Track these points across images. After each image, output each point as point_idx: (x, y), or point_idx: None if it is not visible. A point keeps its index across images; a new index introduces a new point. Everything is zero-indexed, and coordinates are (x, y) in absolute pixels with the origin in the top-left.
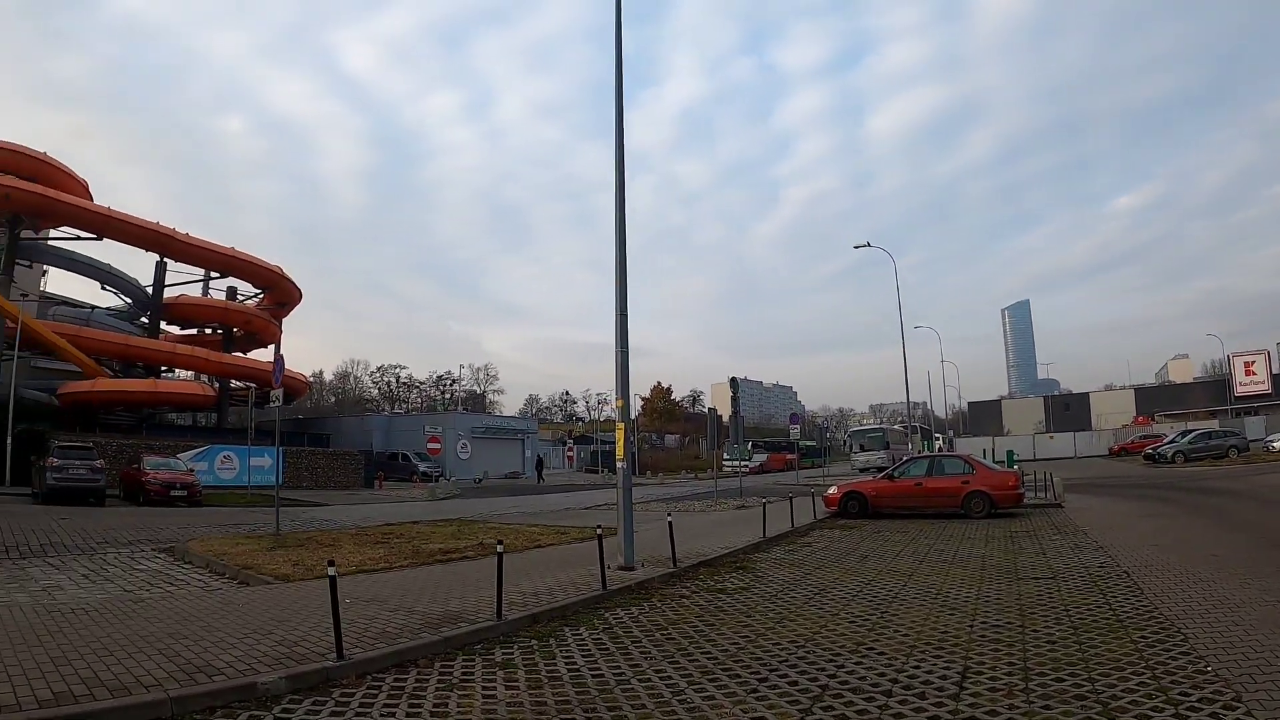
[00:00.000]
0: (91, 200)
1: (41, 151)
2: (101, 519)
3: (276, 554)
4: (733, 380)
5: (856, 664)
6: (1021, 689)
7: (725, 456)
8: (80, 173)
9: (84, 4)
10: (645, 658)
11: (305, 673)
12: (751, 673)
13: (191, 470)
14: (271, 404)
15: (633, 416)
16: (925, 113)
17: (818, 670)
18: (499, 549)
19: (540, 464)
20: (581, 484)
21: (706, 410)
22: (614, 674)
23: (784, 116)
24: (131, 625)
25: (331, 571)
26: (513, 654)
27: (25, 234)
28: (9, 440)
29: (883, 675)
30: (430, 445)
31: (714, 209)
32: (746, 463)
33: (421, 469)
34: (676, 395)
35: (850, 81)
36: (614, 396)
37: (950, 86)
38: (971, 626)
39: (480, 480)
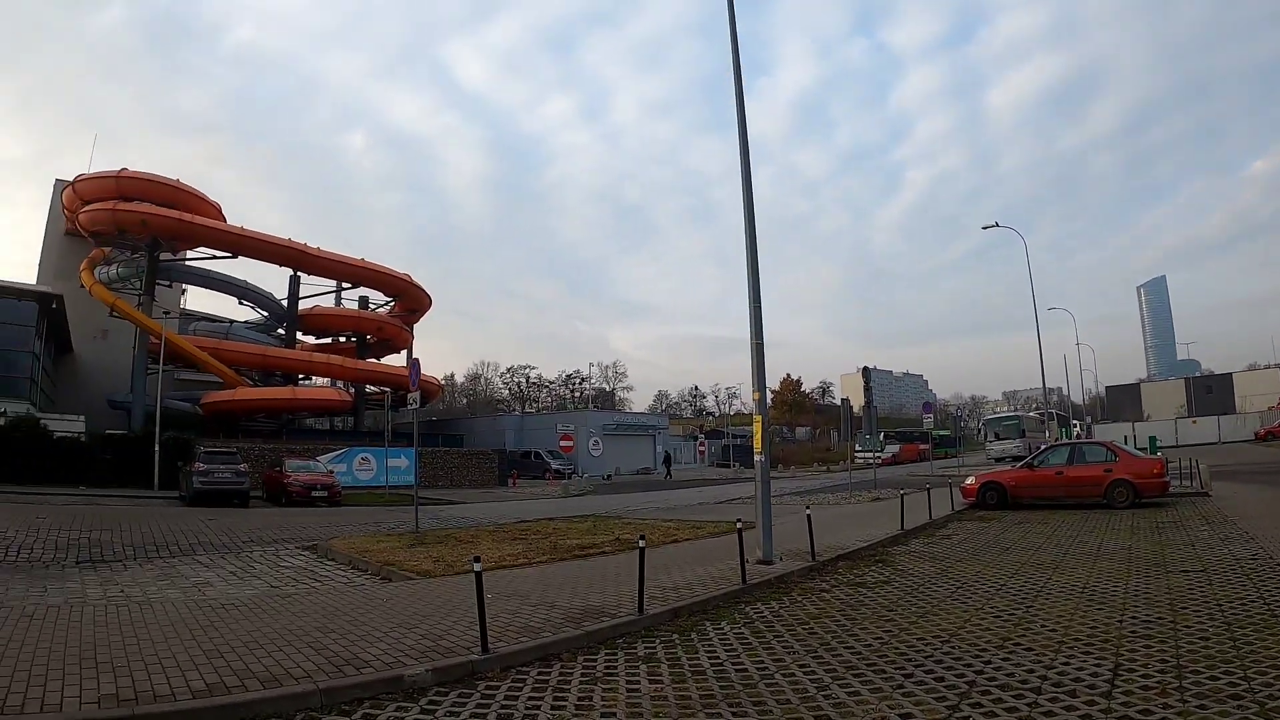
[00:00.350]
0: (225, 221)
1: (175, 179)
2: (246, 519)
3: (417, 551)
4: (864, 370)
5: (1003, 660)
6: (1175, 687)
7: (857, 448)
8: (213, 196)
9: (205, 38)
10: (788, 652)
11: (451, 666)
12: (896, 668)
13: (331, 472)
14: (409, 406)
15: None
16: (1045, 84)
17: (964, 666)
18: (640, 543)
19: (668, 460)
20: (713, 479)
21: (838, 402)
22: (757, 668)
23: (900, 98)
24: (280, 619)
25: (477, 567)
26: (655, 648)
27: (164, 256)
28: (157, 447)
29: (1031, 672)
30: (563, 443)
31: (835, 196)
32: (879, 454)
33: (554, 466)
34: (806, 387)
35: (965, 56)
36: (746, 390)
37: (1068, 54)
38: (1120, 622)
39: (610, 477)
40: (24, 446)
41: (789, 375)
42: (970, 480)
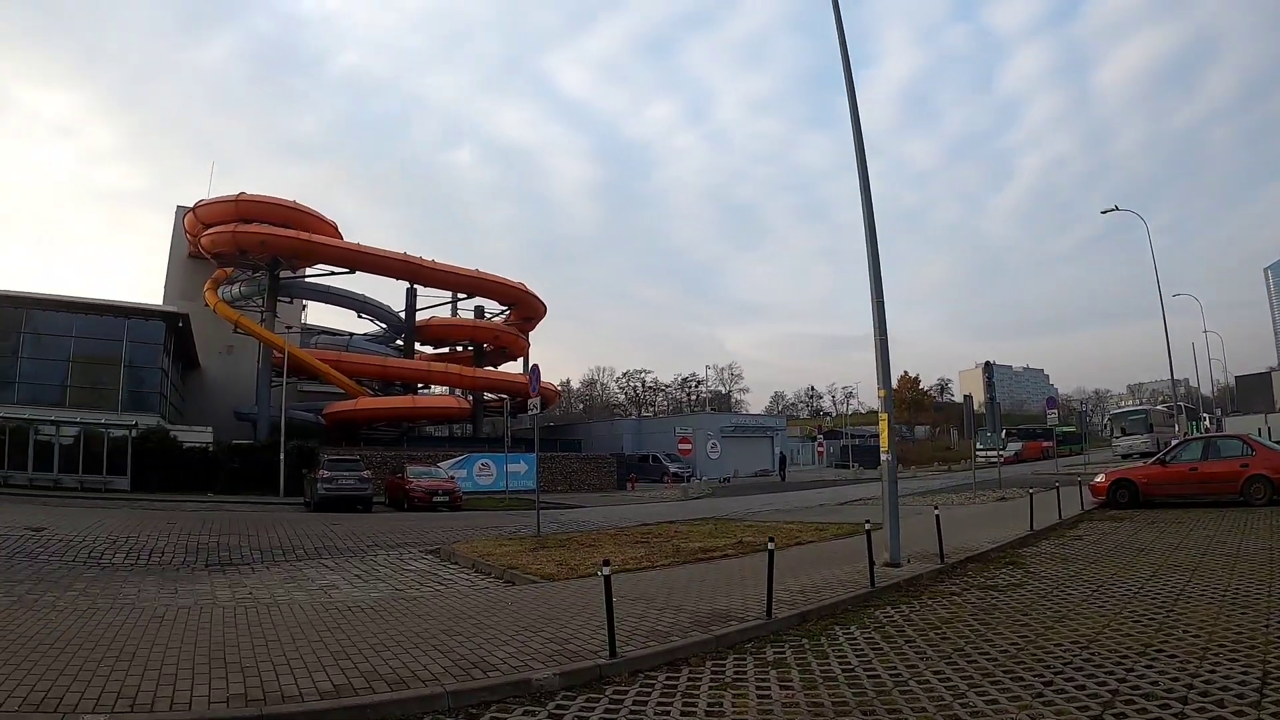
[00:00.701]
0: (341, 239)
1: (291, 200)
2: (370, 524)
3: (539, 554)
4: (987, 365)
5: (1146, 667)
6: None
7: (979, 446)
8: (328, 215)
9: (311, 66)
10: (920, 658)
11: (578, 670)
12: (1035, 675)
13: (452, 477)
14: (529, 413)
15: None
16: (1154, 57)
17: (1105, 674)
18: (769, 545)
19: (783, 462)
20: (832, 480)
21: (956, 399)
22: (890, 675)
23: (1006, 82)
24: (406, 622)
25: (606, 571)
26: (784, 653)
27: (284, 274)
28: (282, 455)
29: (1175, 680)
30: (681, 446)
31: (946, 187)
32: (1001, 452)
33: (672, 470)
34: (924, 385)
35: (1069, 34)
36: (863, 389)
37: (1176, 23)
38: (1266, 627)
39: (729, 480)
40: (155, 457)
41: (906, 373)
42: (1100, 478)
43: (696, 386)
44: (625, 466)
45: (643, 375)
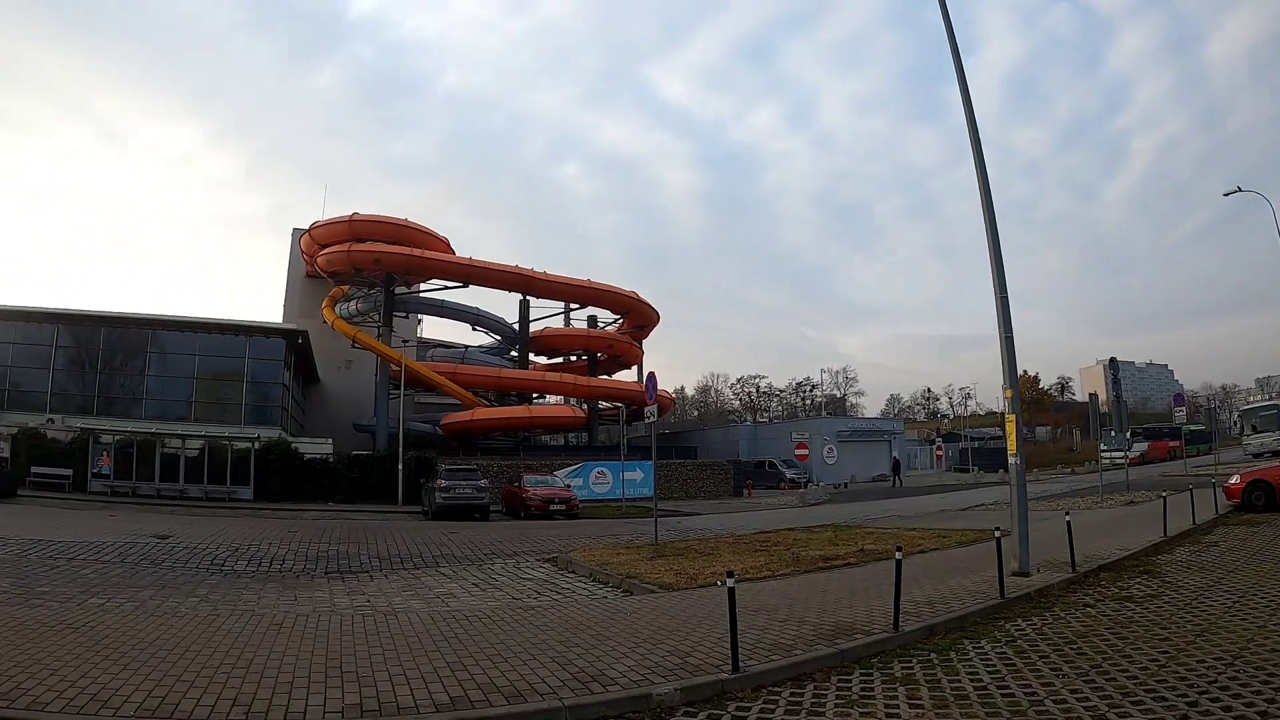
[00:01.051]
0: (453, 254)
1: (402, 218)
2: (487, 532)
3: (658, 563)
4: (1111, 361)
5: None
6: None
7: (1102, 447)
8: (440, 231)
9: (415, 88)
10: (1056, 675)
11: (700, 685)
12: (1178, 695)
13: (569, 486)
14: (645, 420)
15: (1001, 409)
16: (1266, 24)
17: (1252, 694)
18: (897, 555)
19: (897, 466)
20: (952, 484)
21: (1077, 398)
22: (1025, 693)
23: (1112, 61)
24: (523, 632)
25: (730, 583)
26: (912, 668)
27: (399, 290)
28: (400, 465)
29: None
30: (798, 452)
31: (1057, 175)
32: (1126, 452)
33: (789, 475)
34: (1043, 384)
35: (1174, 7)
36: (981, 389)
37: None
38: None
39: (846, 485)
40: (277, 467)
41: (1025, 371)
42: (1235, 479)
43: (811, 391)
44: (741, 473)
45: (757, 381)
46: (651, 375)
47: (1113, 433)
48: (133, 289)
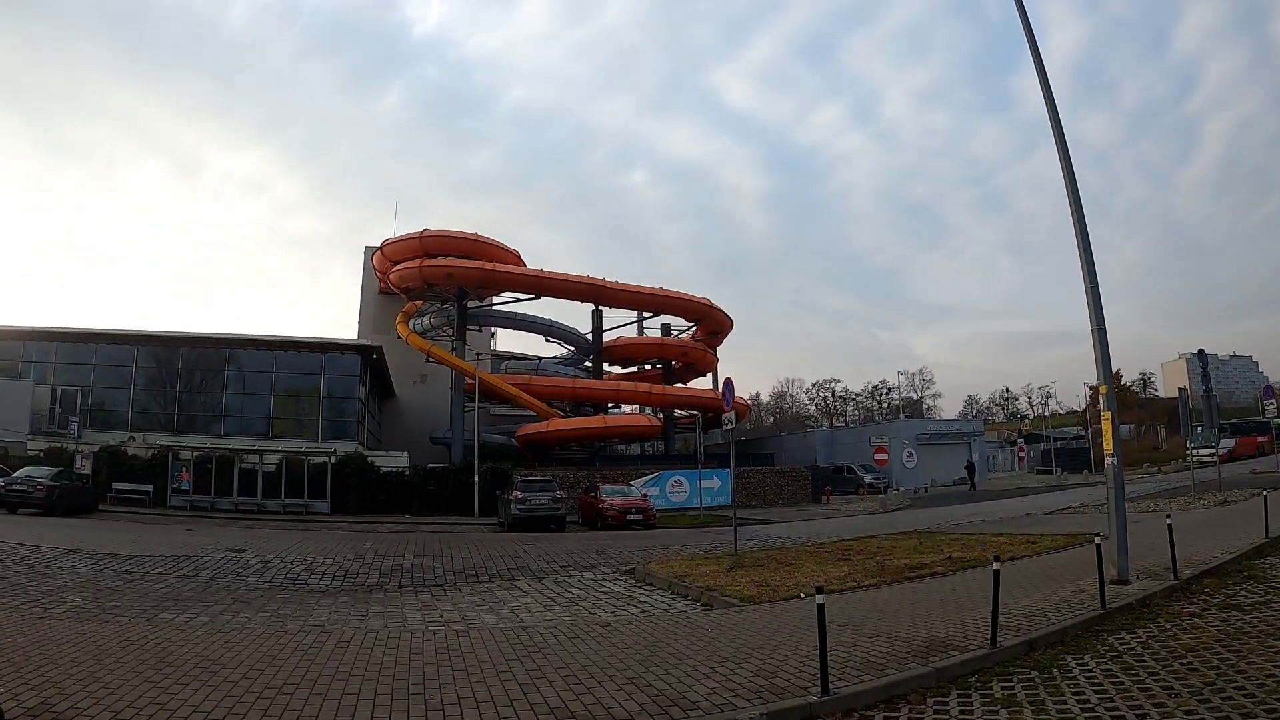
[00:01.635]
0: (524, 266)
1: (473, 233)
2: (563, 544)
3: (738, 574)
4: (1199, 354)
5: None
6: None
7: (1189, 444)
8: (510, 244)
9: (480, 105)
10: (1169, 695)
11: (787, 709)
12: None
13: (645, 496)
14: (724, 427)
15: (1083, 407)
16: None
17: None
18: (995, 565)
19: (972, 470)
20: (1035, 486)
21: (1160, 395)
22: (1137, 716)
23: (1180, 42)
24: (600, 651)
25: (819, 599)
26: (1013, 689)
27: (471, 303)
28: (476, 477)
29: None
30: (877, 456)
31: (1130, 164)
32: (1214, 450)
33: (867, 480)
34: (1124, 380)
35: None
36: (1061, 388)
37: None
38: None
39: (926, 489)
40: (353, 481)
41: None
42: None
43: (887, 394)
44: (819, 479)
45: (832, 385)
46: (728, 381)
47: (1198, 429)
48: (211, 313)
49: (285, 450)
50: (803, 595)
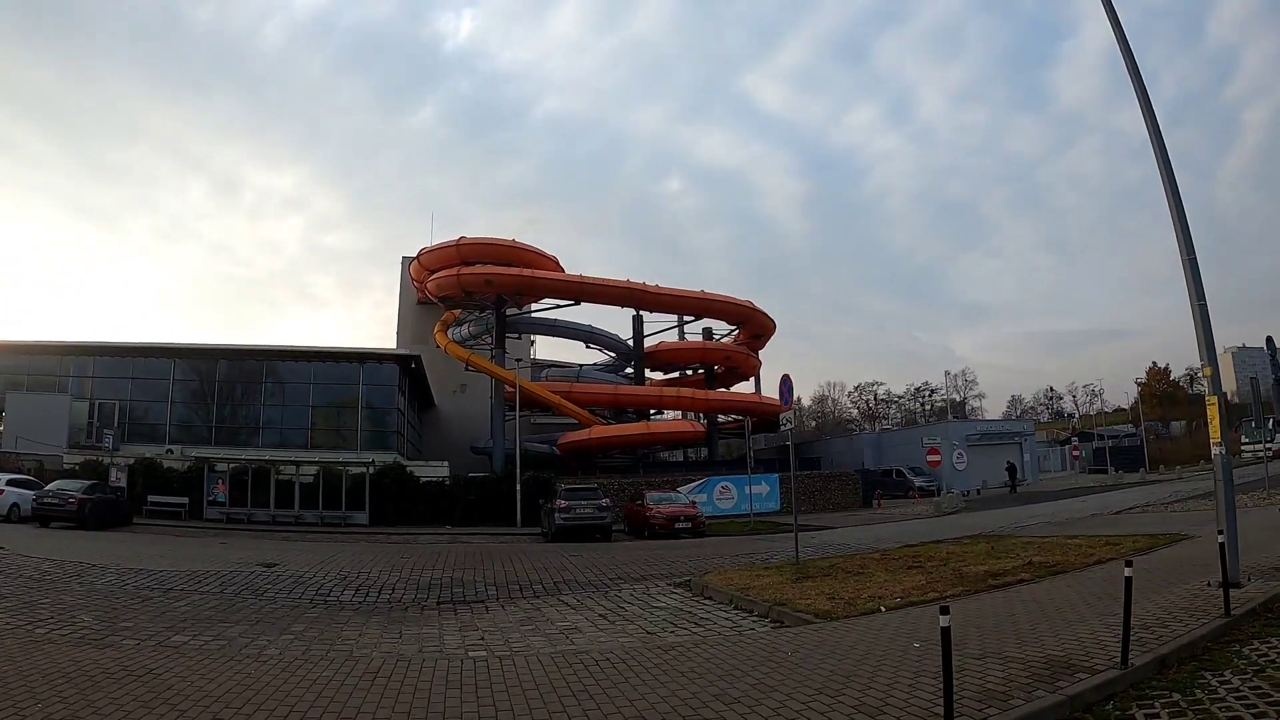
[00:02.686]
0: (563, 272)
1: (510, 239)
2: (610, 554)
3: (804, 585)
4: (1269, 341)
5: None
6: None
7: (1243, 439)
8: (548, 252)
9: (514, 116)
10: None
11: None
12: None
13: (693, 503)
14: (782, 427)
15: (1125, 405)
16: None
17: None
18: (1127, 571)
19: (1013, 471)
20: (1092, 486)
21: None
22: None
23: (1216, 29)
24: (666, 682)
25: (945, 620)
26: (1157, 715)
27: (510, 311)
28: (518, 486)
29: None
30: (930, 458)
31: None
32: (1269, 445)
33: (917, 484)
34: (1172, 375)
35: None
36: (1107, 386)
37: None
38: None
39: (978, 491)
40: (392, 491)
41: (1155, 364)
42: None
43: (930, 396)
44: (870, 482)
45: (875, 388)
46: (786, 379)
47: (1253, 424)
48: (252, 332)
49: (322, 461)
50: (882, 608)
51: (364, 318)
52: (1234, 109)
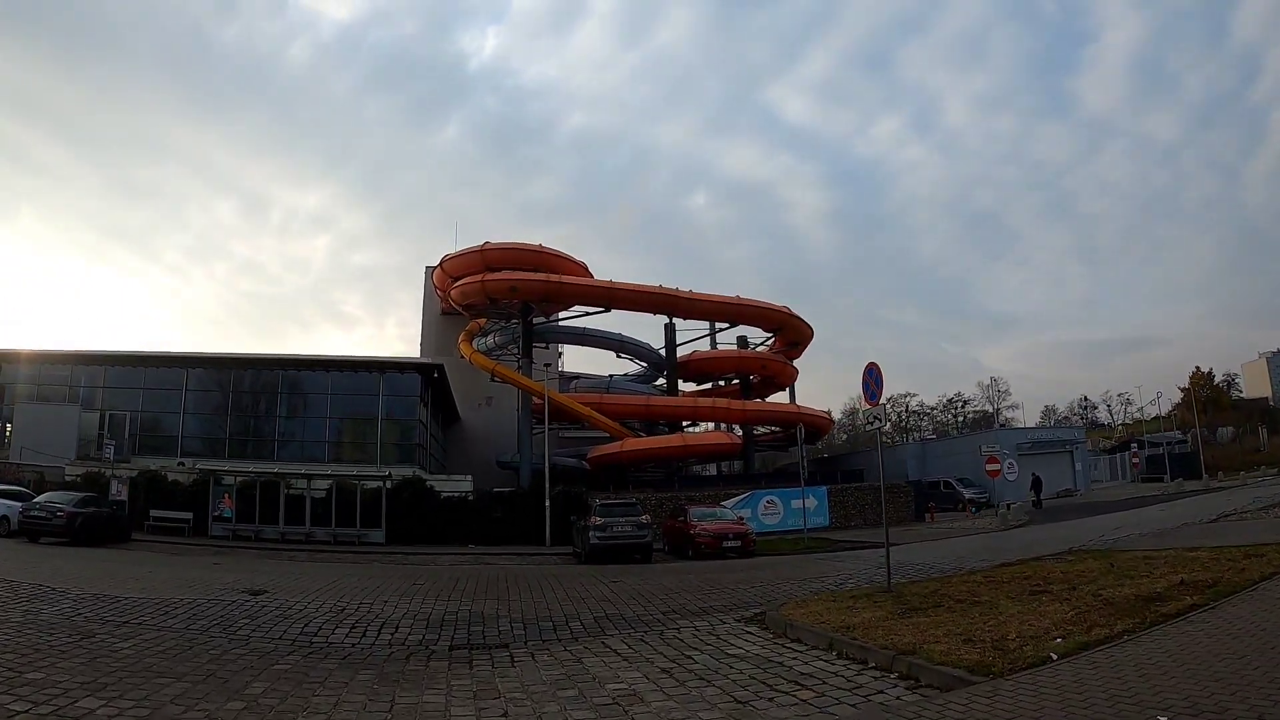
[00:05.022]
0: (592, 278)
1: (536, 244)
2: (655, 579)
3: (918, 621)
4: None
5: None
6: None
7: None
8: (576, 257)
9: (540, 133)
10: None
11: None
12: None
13: (741, 519)
14: (868, 428)
15: (1160, 413)
16: None
17: None
18: None
19: (1039, 485)
20: (1154, 495)
21: (1240, 396)
22: None
23: (1239, 29)
24: None
25: None
26: None
27: (537, 319)
28: (548, 503)
29: None
30: (989, 467)
31: (1197, 159)
32: None
33: (967, 495)
34: (1214, 380)
35: None
36: (1145, 392)
37: None
38: None
39: (1037, 502)
40: (411, 507)
41: (1198, 368)
42: None
43: (963, 407)
44: (922, 495)
45: (907, 399)
46: (873, 368)
47: None
48: (280, 349)
49: (335, 475)
50: (1053, 655)
51: (391, 335)
52: (1261, 110)
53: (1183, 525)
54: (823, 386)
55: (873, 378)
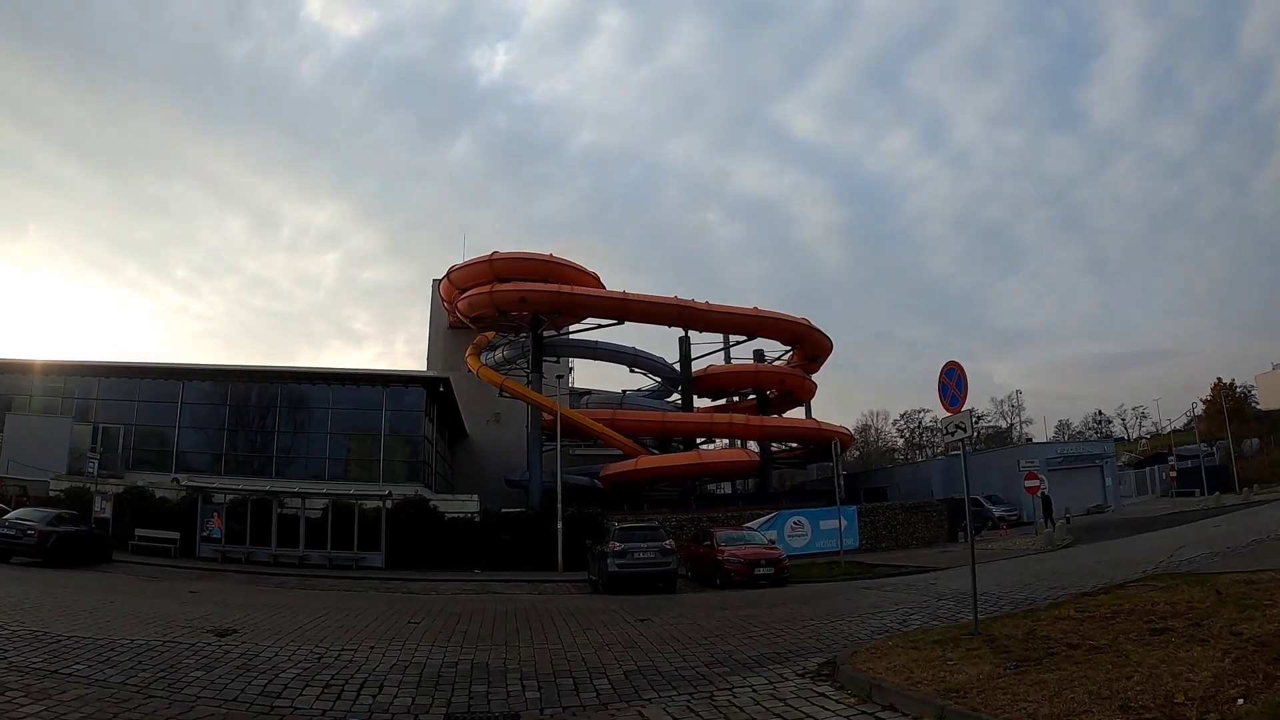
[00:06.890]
0: (604, 288)
1: (546, 254)
2: (686, 617)
3: (1041, 680)
4: None
5: None
6: None
7: None
8: (588, 268)
9: (550, 150)
10: None
11: None
12: None
13: (771, 542)
14: (956, 437)
15: (1175, 426)
16: None
17: None
18: None
19: (1048, 503)
20: (1195, 510)
21: (1256, 407)
22: None
23: (1248, 39)
24: None
25: None
26: None
27: (547, 332)
28: (560, 525)
29: None
30: (1028, 484)
31: (1207, 171)
32: None
33: (996, 513)
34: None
35: None
36: (1163, 405)
37: None
38: None
39: (1068, 519)
40: (413, 529)
41: (1220, 379)
42: None
43: (976, 422)
44: (955, 513)
45: (920, 415)
46: (954, 368)
47: None
48: (287, 365)
49: (332, 494)
50: None
51: (400, 351)
52: (1270, 120)
53: (1253, 542)
54: (833, 402)
55: (952, 379)
